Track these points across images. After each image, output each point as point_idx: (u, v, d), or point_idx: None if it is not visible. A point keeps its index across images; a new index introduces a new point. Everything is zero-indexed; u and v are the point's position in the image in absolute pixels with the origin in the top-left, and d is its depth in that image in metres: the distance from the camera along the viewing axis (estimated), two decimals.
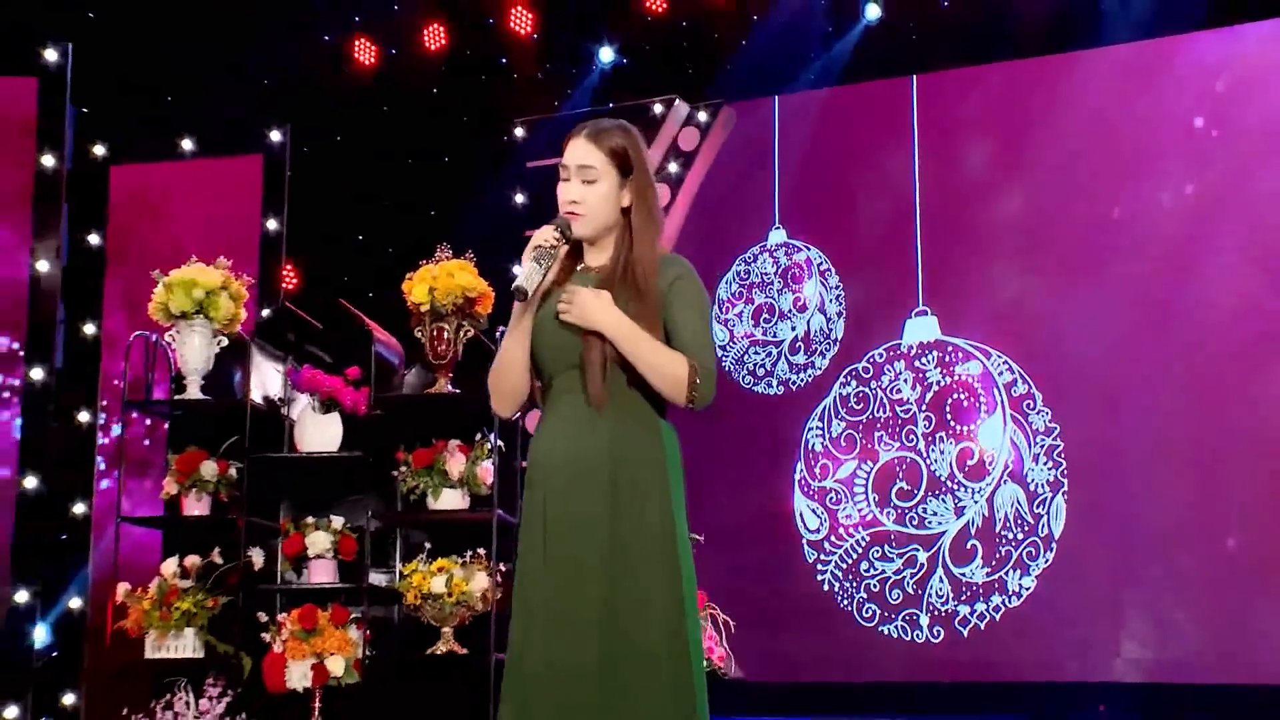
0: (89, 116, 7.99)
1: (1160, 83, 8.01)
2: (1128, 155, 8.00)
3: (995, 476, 8.09)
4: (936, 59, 8.50)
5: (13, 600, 6.98)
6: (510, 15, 9.13)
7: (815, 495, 8.54)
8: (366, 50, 9.33)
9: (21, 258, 7.28)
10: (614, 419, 3.31)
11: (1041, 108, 8.26)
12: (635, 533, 3.27)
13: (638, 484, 3.29)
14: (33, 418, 7.10)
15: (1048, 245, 8.13)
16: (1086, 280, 7.99)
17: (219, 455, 5.98)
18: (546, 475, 3.33)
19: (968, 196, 8.37)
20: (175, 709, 5.85)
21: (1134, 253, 7.94)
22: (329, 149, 9.29)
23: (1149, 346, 7.85)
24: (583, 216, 3.40)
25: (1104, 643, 7.73)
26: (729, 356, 8.87)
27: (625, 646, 3.21)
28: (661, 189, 8.96)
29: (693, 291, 3.39)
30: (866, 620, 8.30)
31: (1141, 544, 7.71)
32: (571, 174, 3.42)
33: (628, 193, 3.43)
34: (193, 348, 5.93)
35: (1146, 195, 7.94)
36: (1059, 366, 8.03)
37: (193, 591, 5.87)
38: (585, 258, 3.47)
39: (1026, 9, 8.15)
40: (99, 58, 8.04)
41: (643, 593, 3.26)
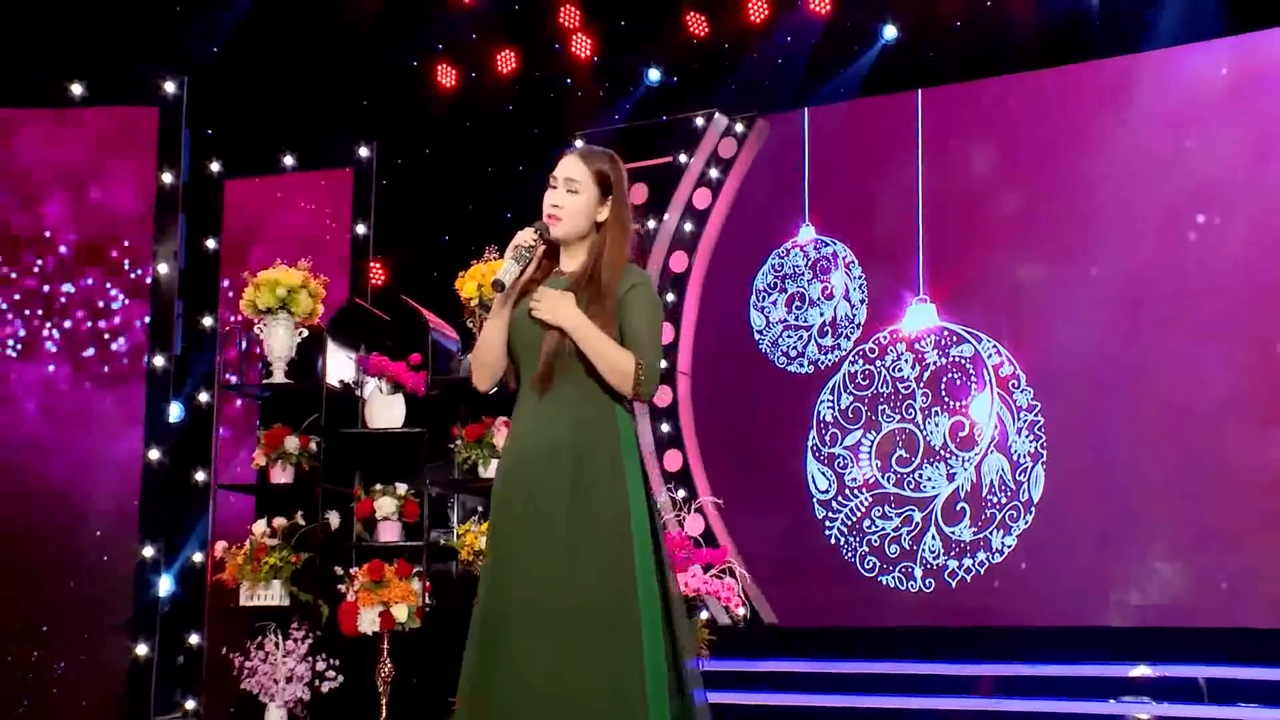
0: (206, 137, 8.13)
1: (1144, 92, 7.92)
2: (1110, 161, 8.02)
3: (983, 447, 8.14)
4: (940, 74, 8.48)
5: (140, 554, 7.10)
6: (572, 41, 9.21)
7: (825, 460, 8.56)
8: (448, 74, 9.44)
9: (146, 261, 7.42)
10: (575, 404, 3.44)
11: (1033, 118, 8.28)
12: (591, 499, 3.39)
13: (595, 459, 3.42)
14: (154, 398, 7.22)
15: (1035, 242, 8.24)
16: (1068, 274, 8.12)
17: (301, 431, 6.15)
18: (519, 451, 3.44)
19: (964, 199, 8.38)
20: (266, 649, 6.00)
21: (1115, 249, 7.97)
22: (418, 161, 9.41)
23: (1123, 334, 7.91)
24: (561, 221, 3.51)
25: (1077, 593, 7.82)
26: (765, 340, 8.89)
27: (579, 594, 3.30)
28: (702, 192, 9.01)
29: (646, 299, 3.50)
30: (868, 571, 8.38)
31: (1112, 508, 7.79)
32: (558, 184, 3.54)
33: (605, 209, 3.52)
34: (278, 338, 6.10)
35: (1125, 199, 7.95)
36: (1042, 351, 8.14)
37: (279, 548, 6.03)
38: (561, 263, 3.56)
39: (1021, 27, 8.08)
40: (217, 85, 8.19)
41: (596, 551, 3.37)
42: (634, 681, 3.29)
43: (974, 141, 8.42)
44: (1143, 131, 7.95)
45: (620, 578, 3.34)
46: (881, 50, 8.65)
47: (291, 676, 5.94)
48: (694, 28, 9.05)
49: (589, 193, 3.52)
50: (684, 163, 9.05)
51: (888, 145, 8.67)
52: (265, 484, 6.16)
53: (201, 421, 7.45)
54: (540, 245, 3.50)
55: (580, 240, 3.55)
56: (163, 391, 7.31)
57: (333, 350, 6.22)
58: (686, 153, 9.04)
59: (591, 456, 3.41)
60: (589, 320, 3.40)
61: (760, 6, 8.87)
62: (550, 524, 3.37)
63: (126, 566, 7.19)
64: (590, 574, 3.33)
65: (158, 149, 7.54)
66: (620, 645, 3.31)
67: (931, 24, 8.52)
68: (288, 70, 8.61)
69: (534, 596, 3.33)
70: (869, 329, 8.59)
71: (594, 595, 3.32)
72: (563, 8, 9.12)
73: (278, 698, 5.94)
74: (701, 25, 9.04)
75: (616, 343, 3.42)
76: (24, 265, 7.34)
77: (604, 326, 3.42)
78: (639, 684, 3.29)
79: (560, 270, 3.58)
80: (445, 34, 9.41)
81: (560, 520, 3.36)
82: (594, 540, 3.36)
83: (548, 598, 3.32)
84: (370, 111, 9.12)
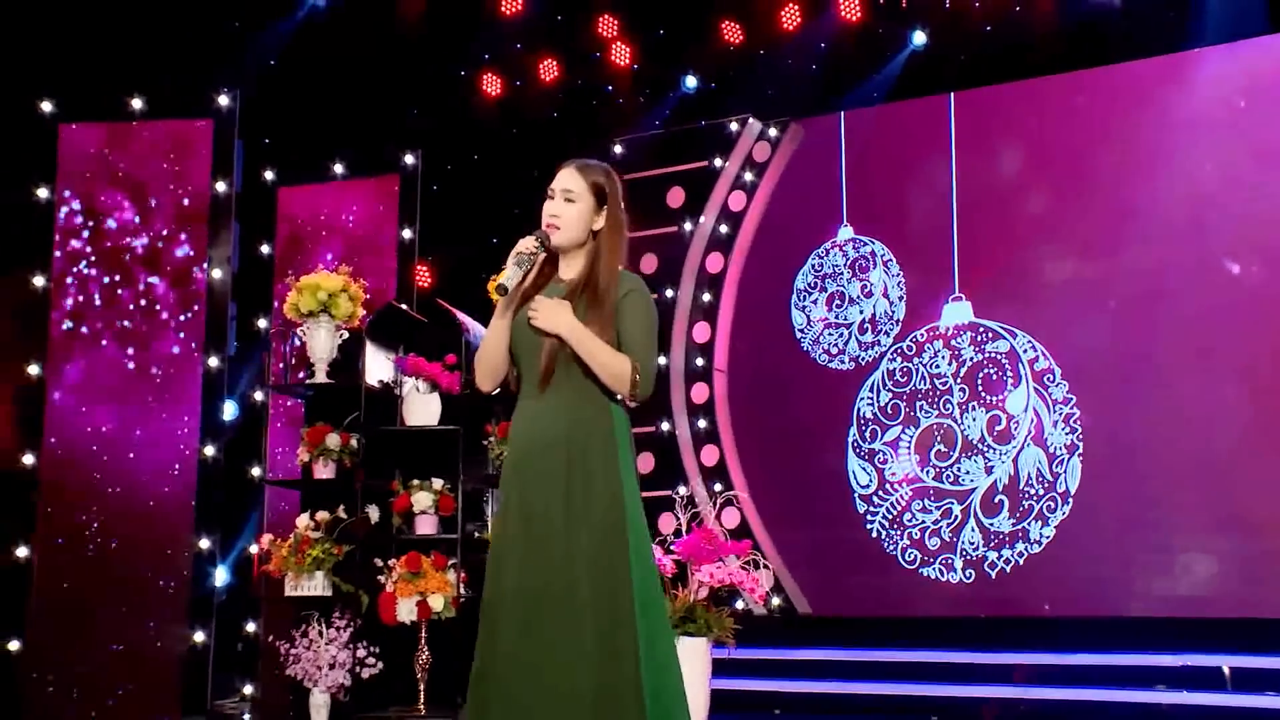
0: (262, 147, 8.28)
1: (1172, 93, 7.90)
2: (1137, 161, 8.00)
3: (1020, 440, 8.12)
4: (970, 78, 8.46)
5: (197, 547, 7.24)
6: (611, 49, 9.31)
7: (866, 455, 8.57)
8: (493, 83, 9.54)
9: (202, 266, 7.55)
10: (572, 403, 3.52)
11: (1064, 119, 8.24)
12: (587, 491, 3.48)
13: (590, 454, 3.50)
14: (209, 397, 7.35)
15: (1068, 239, 8.20)
16: (1101, 271, 8.09)
17: (342, 428, 6.23)
18: (520, 446, 3.52)
19: (998, 198, 8.36)
20: (310, 636, 6.10)
21: (1143, 246, 7.96)
22: (467, 167, 9.54)
23: (1155, 328, 7.89)
24: (559, 229, 3.58)
25: (1113, 583, 7.83)
26: (806, 338, 8.91)
27: (576, 580, 3.37)
28: (736, 195, 9.05)
29: (641, 305, 3.57)
30: (909, 564, 8.37)
31: (1149, 498, 7.79)
32: (556, 194, 3.61)
33: (601, 219, 3.58)
34: (319, 340, 6.20)
35: (1154, 196, 7.92)
36: (1076, 345, 8.12)
37: (322, 541, 6.11)
38: (560, 270, 3.63)
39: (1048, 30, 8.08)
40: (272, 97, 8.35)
41: (591, 540, 3.43)
42: (628, 666, 3.37)
43: (1006, 142, 8.42)
44: (1171, 131, 7.92)
45: (613, 568, 3.43)
46: (911, 55, 8.67)
47: (334, 663, 6.05)
48: (729, 35, 9.11)
49: (585, 202, 3.60)
50: (719, 167, 9.11)
51: (921, 147, 8.68)
52: (309, 479, 6.28)
53: (254, 419, 7.58)
54: (541, 253, 3.59)
55: (578, 248, 3.64)
56: (217, 391, 7.43)
57: (372, 351, 6.33)
58: (721, 157, 9.09)
59: (586, 452, 3.50)
60: (585, 327, 3.49)
61: (793, 14, 8.92)
62: (546, 517, 3.46)
63: (184, 558, 7.32)
64: (584, 565, 3.42)
65: (212, 159, 7.68)
66: (613, 632, 3.39)
67: (960, 29, 8.53)
68: (339, 82, 8.77)
69: (531, 585, 3.42)
70: (907, 326, 8.61)
71: (588, 585, 3.40)
72: (601, 18, 9.21)
73: (321, 683, 6.06)
74: (736, 33, 9.10)
75: (614, 346, 3.51)
76: (88, 271, 7.51)
77: (602, 330, 3.51)
78: (632, 670, 3.37)
79: (559, 278, 3.66)
80: (491, 45, 9.53)
81: (556, 513, 3.45)
82: (588, 531, 3.45)
83: (543, 587, 3.41)
84: (418, 120, 9.26)
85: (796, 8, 8.89)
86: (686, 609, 6.34)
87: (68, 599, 7.26)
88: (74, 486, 7.35)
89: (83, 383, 7.43)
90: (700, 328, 9.18)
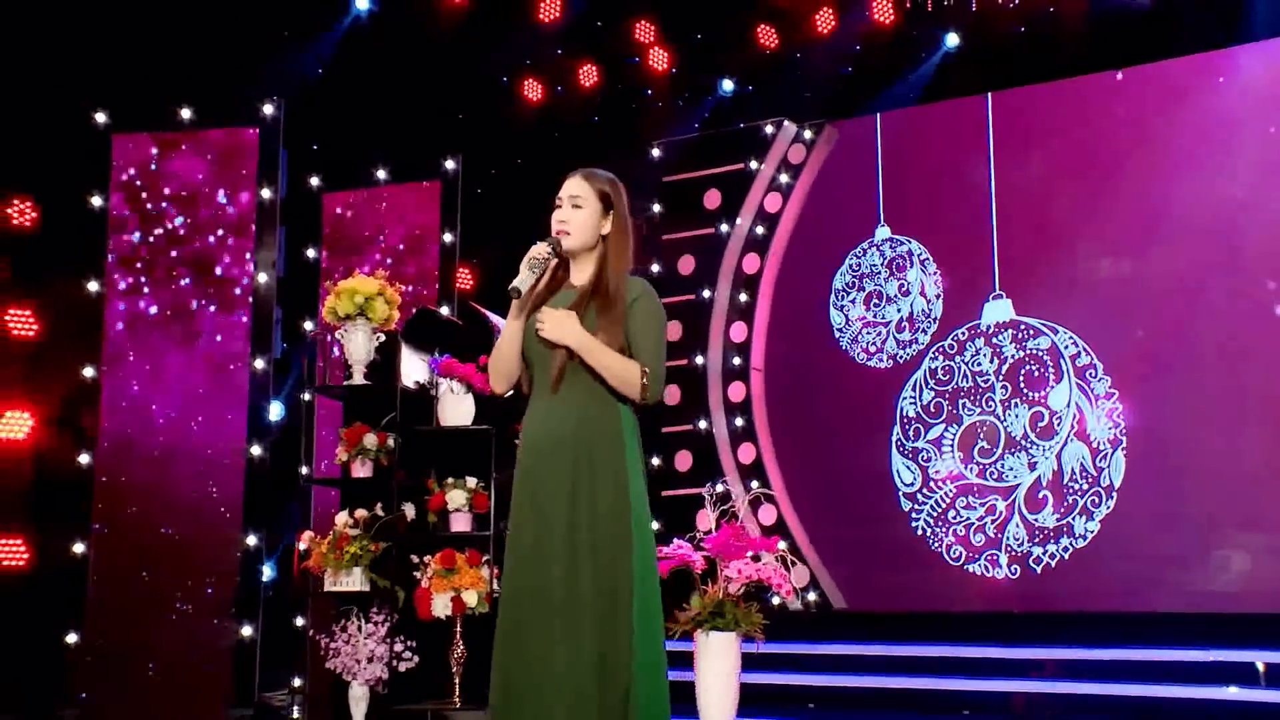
0: (308, 154, 8.35)
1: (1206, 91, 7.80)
2: (1173, 158, 7.92)
3: (1063, 436, 8.07)
4: (1005, 78, 8.40)
5: (244, 544, 7.31)
6: (649, 55, 9.31)
7: (909, 454, 8.52)
8: (534, 88, 9.57)
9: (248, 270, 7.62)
10: (582, 404, 3.55)
11: (1101, 117, 8.17)
12: (593, 488, 3.50)
13: (597, 452, 3.54)
14: (256, 398, 7.43)
15: (1107, 236, 8.16)
16: (1140, 266, 8.06)
17: (379, 428, 6.23)
18: (531, 445, 3.55)
19: (1036, 196, 8.30)
20: (349, 631, 6.13)
21: (1180, 243, 7.87)
22: (510, 170, 9.59)
23: (1195, 322, 7.83)
24: (570, 233, 3.60)
25: (1158, 578, 7.76)
26: (845, 336, 8.89)
27: (582, 576, 3.40)
28: (772, 196, 9.03)
29: (649, 310, 3.59)
30: (954, 560, 8.32)
31: (1190, 491, 7.70)
32: (564, 202, 3.64)
33: (607, 224, 3.60)
34: (357, 343, 6.21)
35: (1192, 193, 7.82)
36: (1117, 340, 8.05)
37: (359, 538, 6.10)
38: (571, 275, 3.65)
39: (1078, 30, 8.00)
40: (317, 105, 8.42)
41: (597, 536, 3.45)
42: (622, 657, 3.40)
43: (1043, 141, 8.38)
44: (1209, 127, 7.84)
45: (616, 563, 3.46)
46: (944, 57, 8.62)
47: (372, 657, 6.07)
48: (764, 39, 9.09)
49: (592, 208, 3.64)
50: (755, 169, 9.10)
51: (958, 147, 8.64)
52: (347, 478, 6.33)
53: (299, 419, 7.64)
54: (553, 258, 3.62)
55: (587, 253, 3.67)
56: (263, 392, 7.51)
57: (407, 353, 6.37)
58: (757, 159, 9.09)
59: (594, 450, 3.54)
60: (592, 337, 3.52)
61: (827, 18, 8.89)
62: (554, 515, 3.50)
63: (232, 555, 7.40)
64: (588, 559, 3.45)
65: (257, 166, 7.75)
66: (612, 625, 3.43)
67: (992, 30, 8.47)
68: (381, 90, 8.84)
69: (540, 584, 3.46)
70: (946, 325, 8.57)
71: (590, 579, 3.44)
72: (638, 23, 9.23)
73: (360, 676, 6.09)
74: (771, 37, 9.09)
75: (625, 347, 3.53)
76: (139, 277, 7.62)
77: (613, 330, 3.54)
78: (626, 660, 3.40)
79: (570, 283, 3.68)
80: (531, 51, 9.57)
81: (564, 508, 3.49)
82: (594, 526, 3.49)
83: (550, 581, 3.45)
84: (462, 126, 9.31)
85: (830, 11, 8.87)
86: (716, 604, 6.33)
87: (122, 594, 7.36)
88: (127, 485, 7.45)
89: (135, 385, 7.53)
90: (737, 327, 9.18)
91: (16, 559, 7.35)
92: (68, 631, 7.32)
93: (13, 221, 7.37)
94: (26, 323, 7.43)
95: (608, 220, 3.67)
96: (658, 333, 3.61)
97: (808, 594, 8.46)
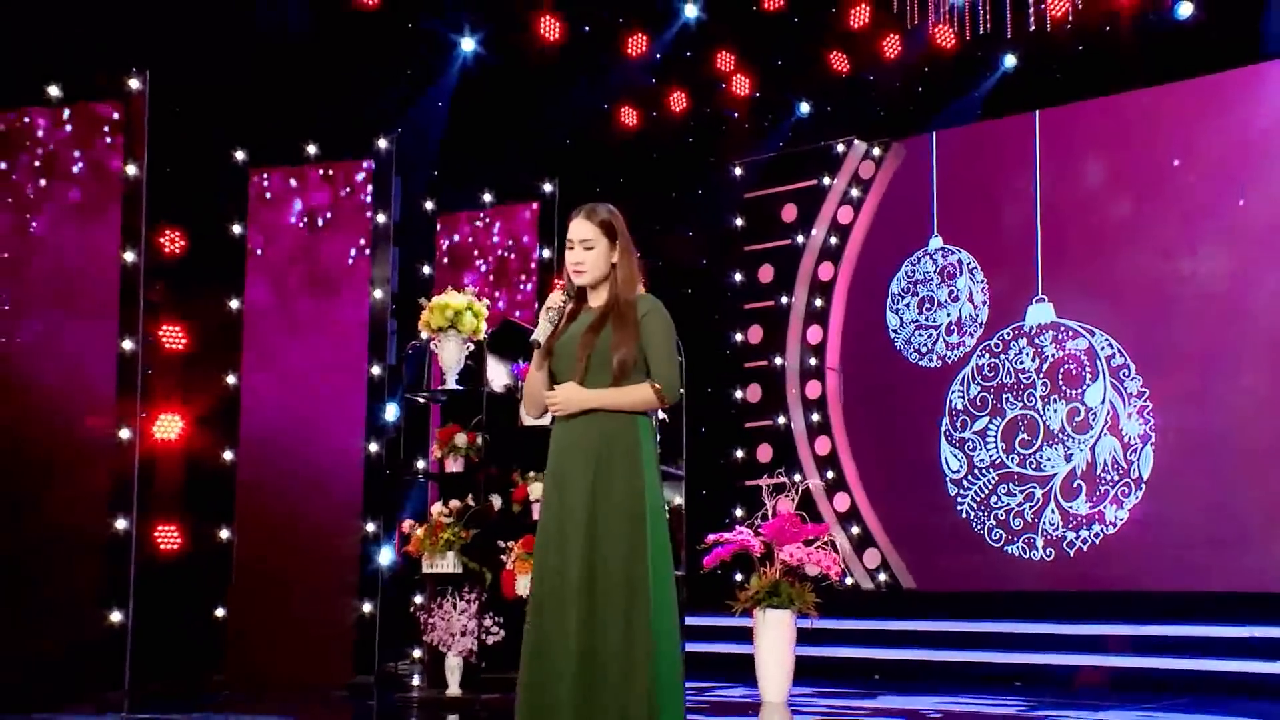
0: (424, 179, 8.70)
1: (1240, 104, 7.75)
2: (1209, 169, 7.86)
3: (1097, 430, 8.13)
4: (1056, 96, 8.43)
5: (363, 530, 7.68)
6: (733, 81, 9.47)
7: (956, 444, 8.60)
8: (630, 115, 9.82)
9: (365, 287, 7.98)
10: (602, 419, 3.80)
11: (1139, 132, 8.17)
12: (611, 490, 3.72)
13: (615, 460, 3.80)
14: (373, 401, 7.79)
15: (1142, 245, 8.17)
16: (1174, 273, 8.05)
17: (469, 428, 6.53)
18: (559, 451, 3.83)
19: (1078, 207, 8.33)
20: (444, 608, 6.44)
21: (1213, 250, 7.88)
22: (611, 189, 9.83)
23: (1223, 326, 7.88)
24: (585, 273, 3.84)
25: (1184, 561, 7.81)
26: (900, 338, 9.00)
27: (603, 561, 3.67)
28: (844, 209, 9.17)
29: (659, 323, 3.85)
30: (995, 543, 8.37)
31: (1215, 484, 7.75)
32: (576, 245, 3.86)
33: (615, 252, 3.82)
34: (449, 352, 6.53)
35: (1225, 201, 7.76)
36: (1150, 343, 8.10)
37: (453, 525, 6.42)
38: (589, 300, 3.88)
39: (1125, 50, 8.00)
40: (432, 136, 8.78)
41: (613, 532, 3.71)
42: (641, 639, 3.66)
43: (1086, 156, 8.43)
44: (1244, 140, 7.80)
45: (634, 553, 3.72)
46: (1001, 77, 8.67)
47: (464, 631, 6.39)
48: (837, 65, 9.22)
49: (601, 244, 3.87)
50: (828, 184, 9.24)
51: (1008, 161, 8.70)
52: (442, 472, 6.65)
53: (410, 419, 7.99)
54: (568, 305, 3.87)
55: (603, 281, 3.90)
56: (379, 396, 7.89)
57: (492, 360, 6.66)
58: (830, 175, 9.23)
59: (613, 458, 3.80)
60: (600, 392, 3.78)
61: (893, 43, 8.99)
62: (576, 508, 3.77)
63: (354, 540, 7.80)
64: (610, 549, 3.71)
65: (373, 194, 8.15)
66: (631, 605, 3.68)
67: (1045, 52, 8.48)
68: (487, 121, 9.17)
69: (559, 565, 3.74)
70: (992, 326, 8.62)
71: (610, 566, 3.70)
72: (718, 54, 9.43)
73: (453, 648, 6.42)
74: (843, 62, 9.21)
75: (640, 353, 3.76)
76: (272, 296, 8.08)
77: (629, 341, 3.78)
78: (645, 643, 3.66)
79: (589, 306, 3.93)
80: (627, 82, 9.82)
81: (584, 505, 3.75)
82: (613, 522, 3.74)
83: (575, 568, 3.72)
84: (560, 151, 9.61)
85: (896, 38, 8.96)
86: (772, 584, 6.53)
87: (261, 573, 7.82)
88: (265, 479, 7.92)
89: (270, 390, 7.98)
90: (813, 330, 9.34)
91: (172, 544, 7.85)
92: (216, 606, 7.79)
93: (165, 249, 7.85)
94: (177, 337, 7.92)
95: (615, 249, 3.90)
96: (668, 345, 3.86)
97: (879, 575, 8.59)
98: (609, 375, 3.83)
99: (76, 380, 7.35)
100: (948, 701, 6.80)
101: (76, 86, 7.52)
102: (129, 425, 7.29)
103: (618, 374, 3.82)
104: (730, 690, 7.44)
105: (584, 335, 3.84)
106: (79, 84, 7.51)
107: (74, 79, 7.51)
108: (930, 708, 6.64)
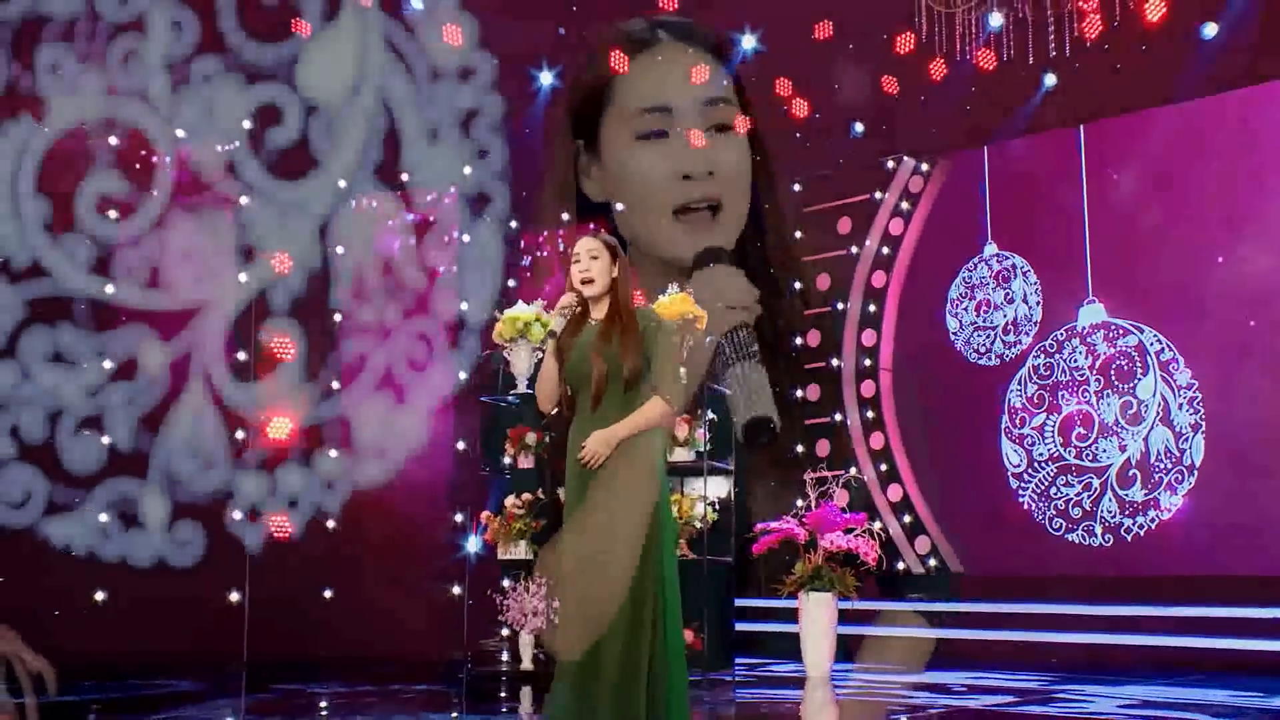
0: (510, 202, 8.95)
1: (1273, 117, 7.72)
2: (1248, 176, 7.90)
3: (1149, 422, 8.09)
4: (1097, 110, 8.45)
5: (452, 520, 7.98)
6: (792, 105, 9.59)
7: (1016, 439, 8.63)
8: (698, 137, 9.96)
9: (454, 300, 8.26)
10: (615, 419, 3.96)
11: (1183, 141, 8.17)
12: (619, 485, 3.91)
13: (628, 458, 3.93)
14: (460, 405, 8.10)
15: (1189, 245, 8.21)
16: (1217, 273, 8.07)
17: (538, 429, 6.77)
18: (576, 450, 4.00)
19: (1126, 211, 8.36)
20: (517, 591, 6.69)
21: (1253, 247, 7.83)
22: None
23: (1267, 320, 7.81)
24: (593, 280, 4.04)
25: (1234, 545, 7.78)
26: (959, 340, 9.04)
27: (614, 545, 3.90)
28: (895, 221, 9.26)
29: (660, 338, 3.98)
30: (1055, 531, 8.40)
31: (1263, 471, 7.67)
32: (583, 257, 4.08)
33: (616, 269, 4.04)
34: (519, 359, 6.78)
35: (1265, 205, 7.70)
36: (1197, 336, 8.13)
37: (524, 516, 6.68)
38: (592, 313, 4.10)
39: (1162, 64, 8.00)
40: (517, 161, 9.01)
41: (626, 519, 3.90)
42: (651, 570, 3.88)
43: (1130, 165, 8.45)
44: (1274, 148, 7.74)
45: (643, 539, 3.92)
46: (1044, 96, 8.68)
47: (535, 612, 6.63)
48: (889, 88, 9.29)
49: (604, 258, 4.10)
50: (879, 199, 9.33)
51: (1055, 173, 8.72)
52: (515, 468, 6.91)
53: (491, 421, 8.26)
54: (578, 306, 4.10)
55: (604, 294, 4.11)
56: (465, 398, 8.19)
57: None
58: (882, 190, 9.32)
59: (626, 456, 3.99)
60: (618, 427, 3.99)
61: (939, 66, 9.04)
62: (593, 496, 3.98)
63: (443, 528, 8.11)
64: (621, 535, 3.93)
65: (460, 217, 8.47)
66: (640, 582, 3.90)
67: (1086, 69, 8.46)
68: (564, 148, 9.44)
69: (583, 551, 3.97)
70: (1045, 327, 8.67)
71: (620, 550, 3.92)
72: (776, 80, 9.56)
73: (526, 628, 6.67)
74: (893, 84, 9.28)
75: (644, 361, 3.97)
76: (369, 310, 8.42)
77: (634, 350, 3.99)
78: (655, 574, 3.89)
79: (592, 318, 4.14)
80: None
81: (599, 504, 3.96)
82: (624, 512, 3.94)
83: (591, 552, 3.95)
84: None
85: (942, 61, 9.01)
86: (815, 569, 6.69)
87: (362, 559, 8.19)
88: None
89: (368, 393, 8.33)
90: (868, 334, 9.44)
91: (284, 531, 8.24)
92: (324, 588, 8.16)
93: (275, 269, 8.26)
94: (287, 348, 8.32)
95: (616, 266, 4.12)
96: (669, 356, 4.06)
97: (929, 560, 8.68)
98: (621, 383, 4.04)
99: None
100: (977, 676, 6.90)
101: None
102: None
103: (629, 380, 4.03)
104: (780, 665, 7.61)
105: (596, 344, 4.05)
106: None
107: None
108: (958, 682, 6.74)
